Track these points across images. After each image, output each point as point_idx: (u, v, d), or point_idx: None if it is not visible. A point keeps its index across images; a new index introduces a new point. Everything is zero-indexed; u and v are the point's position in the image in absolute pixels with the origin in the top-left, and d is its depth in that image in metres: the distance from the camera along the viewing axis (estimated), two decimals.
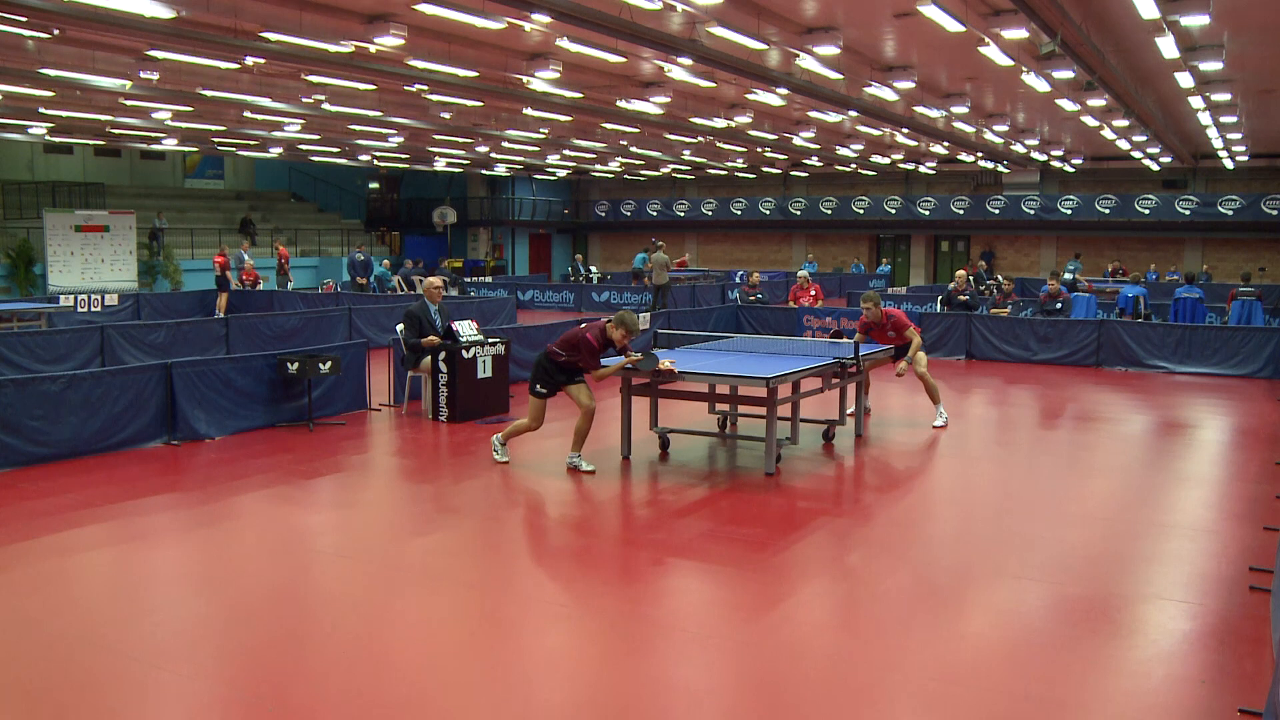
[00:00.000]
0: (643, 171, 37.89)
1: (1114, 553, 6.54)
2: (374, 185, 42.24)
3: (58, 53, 15.83)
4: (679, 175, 39.40)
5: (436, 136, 26.02)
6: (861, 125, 24.09)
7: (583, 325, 8.55)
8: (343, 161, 34.45)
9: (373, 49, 14.67)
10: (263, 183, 38.72)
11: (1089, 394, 13.50)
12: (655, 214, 40.51)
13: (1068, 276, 24.00)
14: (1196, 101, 18.81)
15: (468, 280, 31.29)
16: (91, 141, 28.99)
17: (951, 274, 25.81)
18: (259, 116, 21.87)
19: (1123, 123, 21.44)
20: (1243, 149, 27.40)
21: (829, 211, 37.66)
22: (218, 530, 6.93)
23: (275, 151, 30.92)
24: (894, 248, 38.59)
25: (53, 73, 16.27)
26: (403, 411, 11.24)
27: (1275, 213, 30.06)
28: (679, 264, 34.54)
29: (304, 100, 20.09)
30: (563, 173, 38.72)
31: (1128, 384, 14.23)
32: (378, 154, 31.53)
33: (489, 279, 33.18)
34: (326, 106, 20.42)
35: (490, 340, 11.04)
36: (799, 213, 38.23)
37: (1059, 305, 16.85)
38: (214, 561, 6.31)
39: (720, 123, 22.69)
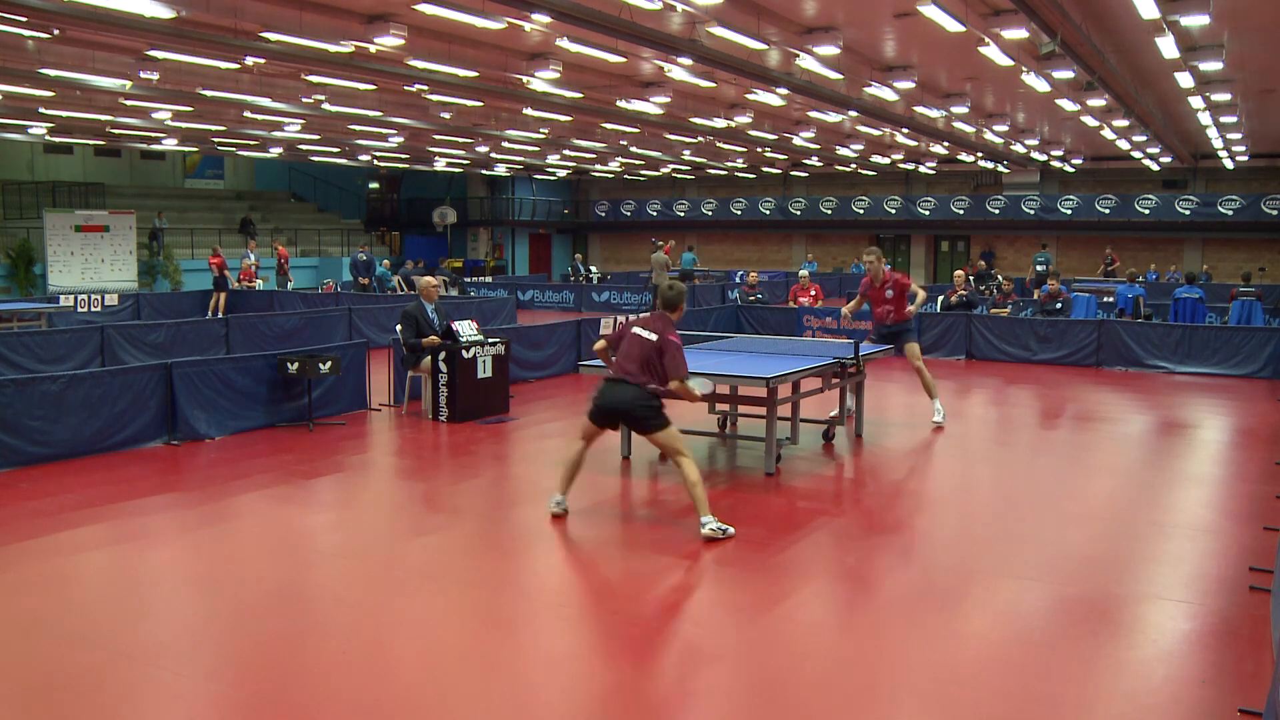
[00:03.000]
0: (643, 171, 37.90)
1: (1114, 553, 6.54)
2: (374, 185, 42.26)
3: (58, 53, 15.84)
4: (679, 175, 39.41)
5: (436, 136, 26.03)
6: (861, 125, 24.10)
7: (648, 337, 6.83)
8: (343, 161, 34.45)
9: (373, 49, 14.68)
10: (263, 183, 38.72)
11: (1089, 394, 13.50)
12: (655, 214, 40.52)
13: (1040, 268, 24.02)
14: (1196, 101, 18.81)
15: (468, 280, 31.30)
16: (91, 141, 29.00)
17: (951, 274, 25.82)
18: (259, 116, 21.88)
19: (1123, 123, 21.45)
20: (1243, 149, 27.41)
21: (829, 211, 37.67)
22: (218, 530, 6.93)
23: (275, 151, 30.93)
24: (894, 248, 38.57)
25: (53, 73, 16.28)
26: (403, 411, 11.24)
27: (1275, 213, 30.07)
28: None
29: (304, 100, 20.09)
30: (563, 173, 38.73)
31: (1128, 384, 14.23)
32: (378, 154, 31.54)
33: (489, 279, 33.19)
34: (326, 106, 20.43)
35: (490, 340, 11.04)
36: (799, 213, 38.24)
37: (1059, 305, 16.85)
38: (214, 561, 6.31)
39: (720, 123, 22.70)
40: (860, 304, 10.85)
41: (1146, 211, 32.11)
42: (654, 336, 6.79)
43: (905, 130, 23.75)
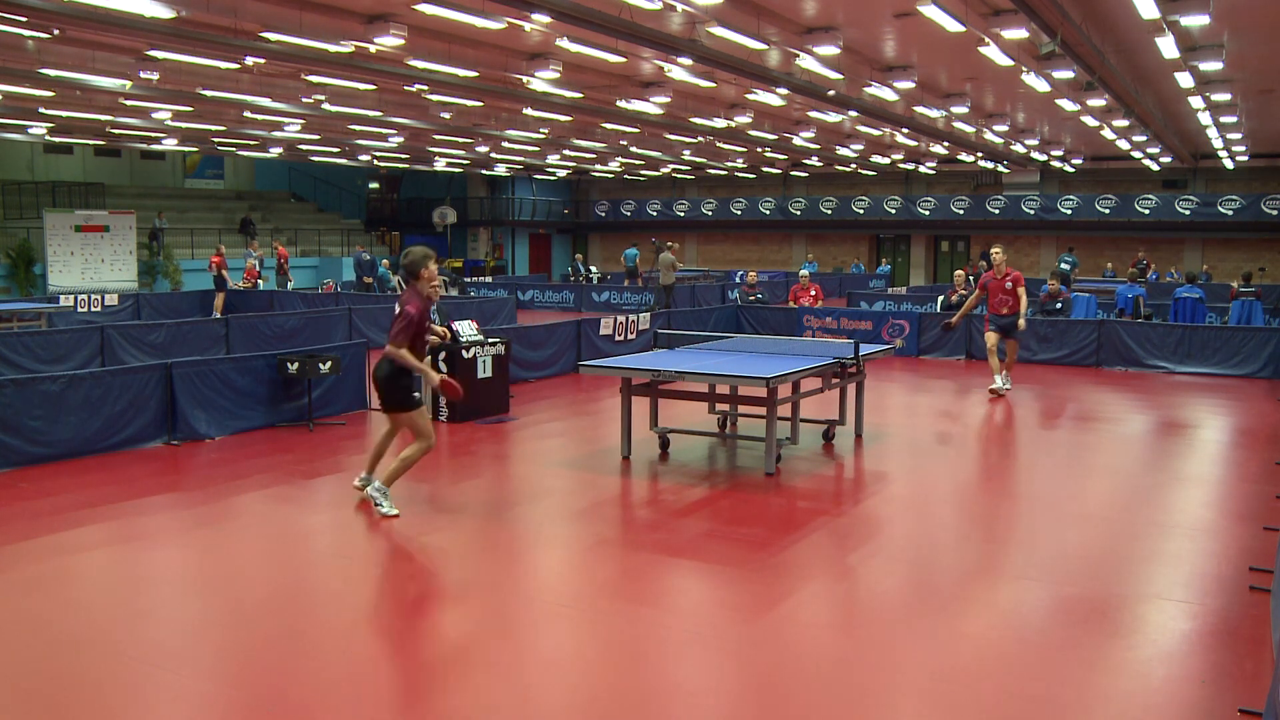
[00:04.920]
0: (643, 171, 37.89)
1: (1114, 553, 6.54)
2: (374, 185, 42.26)
3: (58, 53, 15.83)
4: (679, 175, 39.41)
5: (436, 136, 26.02)
6: (861, 125, 24.10)
7: (394, 311, 7.01)
8: (343, 161, 34.45)
9: (373, 49, 14.67)
10: (263, 183, 38.73)
11: (1089, 394, 13.50)
12: (655, 214, 40.52)
13: (1064, 267, 24.10)
14: (1196, 101, 18.81)
15: (468, 280, 31.30)
16: (91, 141, 28.99)
17: (951, 274, 25.83)
18: (259, 116, 21.88)
19: (1123, 123, 21.44)
20: (1243, 149, 27.41)
21: (829, 211, 37.67)
22: (218, 530, 6.93)
23: (275, 151, 30.92)
24: (894, 248, 38.59)
25: (53, 73, 16.27)
26: None
27: (1275, 213, 30.07)
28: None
29: (304, 100, 20.09)
30: (563, 173, 38.73)
31: (1128, 384, 14.23)
32: (378, 154, 31.54)
33: (489, 279, 33.19)
34: (326, 106, 20.42)
35: (490, 340, 11.04)
36: (799, 213, 38.24)
37: (1059, 305, 16.85)
38: (214, 561, 6.31)
39: (720, 123, 22.69)
40: (980, 296, 12.53)
41: (1146, 211, 32.11)
42: (397, 310, 6.95)
43: (905, 130, 23.74)
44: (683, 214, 40.24)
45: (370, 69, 16.35)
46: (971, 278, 23.91)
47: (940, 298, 18.97)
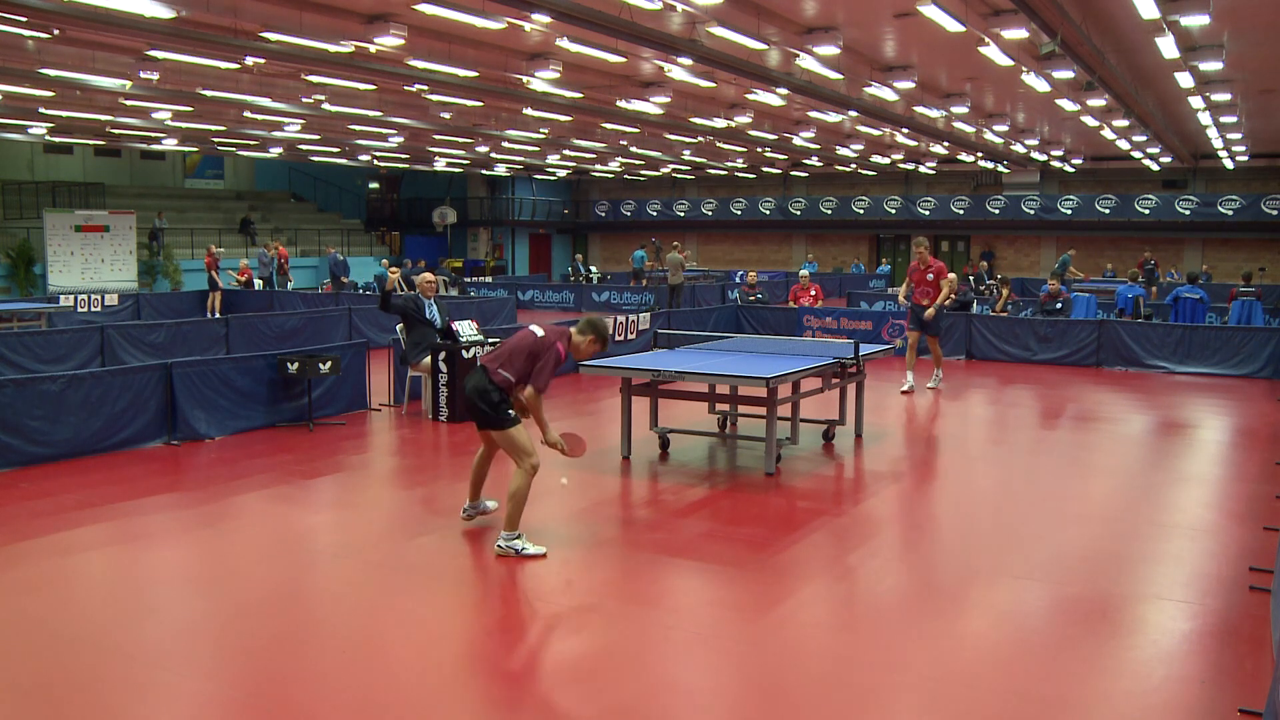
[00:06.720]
0: (643, 171, 37.89)
1: (1114, 553, 6.54)
2: (374, 185, 42.26)
3: (58, 53, 15.84)
4: (679, 175, 39.41)
5: (436, 136, 26.03)
6: (861, 125, 24.10)
7: (536, 333, 6.29)
8: (343, 161, 34.45)
9: (373, 49, 14.68)
10: (263, 183, 38.73)
11: (1089, 394, 13.50)
12: (655, 214, 40.51)
13: (1056, 267, 24.20)
14: (1196, 101, 18.81)
15: (468, 280, 31.30)
16: (91, 141, 29.00)
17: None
18: (259, 116, 21.89)
19: (1123, 123, 21.45)
20: (1243, 149, 27.41)
21: (829, 211, 37.67)
22: (218, 530, 6.93)
23: (275, 151, 30.93)
24: (894, 248, 38.58)
25: (53, 73, 16.28)
26: (402, 411, 11.24)
27: (1275, 213, 30.07)
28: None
29: (304, 100, 20.10)
30: (563, 173, 38.73)
31: (1128, 384, 14.23)
32: (378, 154, 31.54)
33: (489, 279, 33.19)
34: (326, 106, 20.43)
35: (490, 340, 11.03)
36: (799, 213, 38.24)
37: (1059, 305, 16.85)
38: (214, 561, 6.31)
39: (720, 123, 22.70)
40: (909, 286, 12.99)
41: (1146, 211, 32.11)
42: (541, 333, 6.22)
43: (905, 130, 23.74)
44: (683, 214, 40.25)
45: (370, 69, 16.35)
46: (971, 277, 23.95)
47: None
